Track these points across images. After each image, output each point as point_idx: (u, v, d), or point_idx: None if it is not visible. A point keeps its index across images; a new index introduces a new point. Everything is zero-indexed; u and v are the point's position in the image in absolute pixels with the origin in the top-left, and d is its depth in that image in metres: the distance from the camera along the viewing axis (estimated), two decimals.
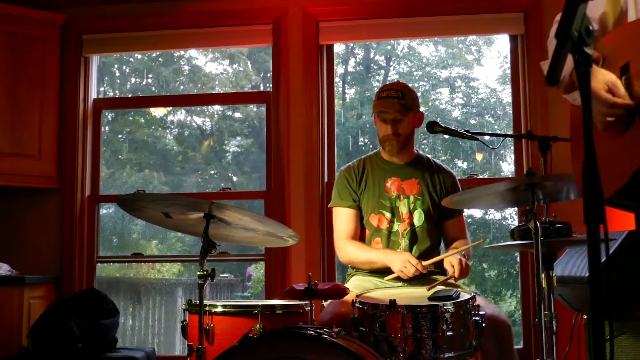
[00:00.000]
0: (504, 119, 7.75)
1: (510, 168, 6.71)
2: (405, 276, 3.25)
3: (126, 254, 6.66)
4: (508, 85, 6.13)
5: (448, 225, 3.61)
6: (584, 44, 1.45)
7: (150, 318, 6.47)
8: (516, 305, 7.44)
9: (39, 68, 5.00)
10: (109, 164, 7.00)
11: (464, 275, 3.26)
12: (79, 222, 5.07)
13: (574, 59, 1.46)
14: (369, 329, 2.72)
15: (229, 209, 2.74)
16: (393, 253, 3.38)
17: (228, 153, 7.91)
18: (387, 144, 3.53)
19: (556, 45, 1.46)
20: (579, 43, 1.45)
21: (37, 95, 4.99)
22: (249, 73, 7.79)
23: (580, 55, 1.45)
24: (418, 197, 3.54)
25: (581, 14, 1.46)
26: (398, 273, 3.27)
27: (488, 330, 2.82)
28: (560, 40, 1.47)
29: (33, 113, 4.97)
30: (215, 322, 2.83)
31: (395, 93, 3.50)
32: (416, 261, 3.24)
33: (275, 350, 2.46)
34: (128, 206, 3.01)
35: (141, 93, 7.72)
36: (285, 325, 2.77)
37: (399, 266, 3.26)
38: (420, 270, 3.23)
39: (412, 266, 3.23)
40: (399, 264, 3.27)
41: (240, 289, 7.56)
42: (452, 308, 2.69)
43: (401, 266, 3.25)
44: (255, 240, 3.35)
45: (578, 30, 1.45)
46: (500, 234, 7.71)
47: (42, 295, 4.81)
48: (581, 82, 1.46)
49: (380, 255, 3.40)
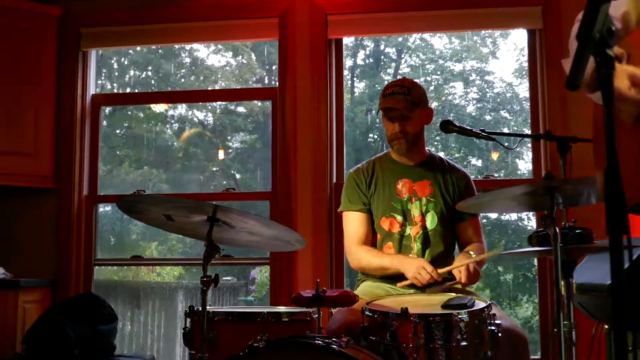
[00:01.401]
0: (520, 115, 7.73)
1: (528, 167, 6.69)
2: (419, 283, 3.26)
3: (125, 257, 6.67)
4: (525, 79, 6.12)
5: (462, 228, 3.62)
6: (606, 46, 1.45)
7: (150, 324, 6.48)
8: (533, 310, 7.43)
9: (35, 63, 5.02)
10: (107, 161, 7.01)
11: (471, 282, 3.26)
12: (76, 223, 5.09)
13: (596, 62, 1.46)
14: (379, 338, 2.72)
15: (233, 212, 2.75)
16: (407, 259, 3.38)
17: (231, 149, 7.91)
18: (395, 143, 3.54)
19: (577, 48, 1.46)
20: (601, 45, 1.45)
21: (33, 91, 5.00)
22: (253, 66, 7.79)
23: (602, 58, 1.45)
24: (430, 199, 3.55)
25: (603, 15, 1.46)
26: (412, 280, 3.28)
27: (503, 343, 2.82)
28: (581, 42, 1.47)
29: (29, 110, 4.99)
30: (219, 329, 2.84)
31: (400, 89, 3.50)
32: (431, 268, 3.25)
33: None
34: (128, 208, 3.02)
35: (140, 86, 7.74)
36: (291, 333, 2.77)
37: (412, 272, 3.27)
38: (435, 277, 3.24)
39: (426, 273, 3.24)
40: (413, 270, 3.27)
41: (243, 292, 7.57)
42: (467, 317, 2.69)
43: (415, 272, 3.26)
44: (260, 244, 3.36)
45: (600, 32, 1.45)
46: (517, 236, 7.69)
47: (37, 299, 4.83)
48: (603, 85, 1.46)
49: (394, 260, 3.40)
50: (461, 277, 3.22)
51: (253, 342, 2.58)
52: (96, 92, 5.42)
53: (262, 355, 2.49)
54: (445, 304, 2.81)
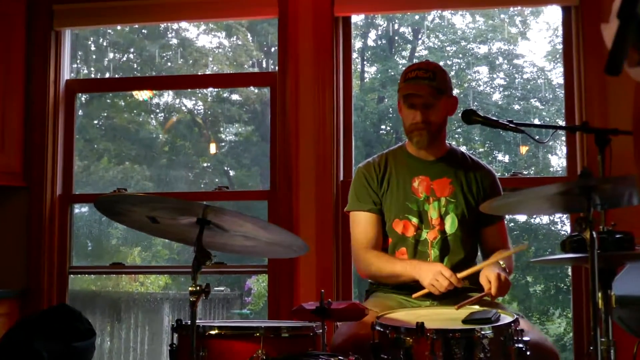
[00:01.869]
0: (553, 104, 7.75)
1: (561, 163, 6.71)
2: (436, 291, 3.26)
3: (104, 264, 6.71)
4: (559, 63, 6.12)
5: (486, 233, 3.62)
6: None
7: (132, 340, 6.51)
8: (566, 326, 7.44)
9: (1, 44, 5.02)
10: (83, 156, 7.04)
11: (502, 293, 3.26)
12: (48, 226, 5.10)
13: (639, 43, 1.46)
14: (391, 356, 2.72)
15: (226, 214, 2.75)
16: (422, 264, 3.38)
17: (224, 142, 7.94)
18: (416, 134, 3.53)
19: (618, 27, 1.46)
20: None
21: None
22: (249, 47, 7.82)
23: None
24: (450, 200, 3.55)
25: None
26: (428, 288, 3.27)
27: None
28: (623, 21, 1.47)
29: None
30: (210, 346, 2.85)
31: (425, 74, 3.50)
32: (450, 273, 3.24)
33: None
34: (107, 209, 3.03)
35: (121, 71, 7.77)
36: (292, 351, 2.78)
37: (429, 279, 3.26)
38: (454, 283, 3.24)
39: (444, 279, 3.23)
40: (430, 276, 3.27)
41: (238, 304, 7.60)
42: (491, 333, 2.69)
43: (432, 279, 3.25)
44: (257, 250, 3.36)
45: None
46: (549, 242, 7.70)
47: (4, 312, 4.85)
48: None
49: (407, 266, 3.40)
50: (491, 287, 3.22)
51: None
52: (71, 77, 5.43)
53: None
54: (467, 319, 2.81)
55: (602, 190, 2.72)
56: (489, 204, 3.05)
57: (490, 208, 3.10)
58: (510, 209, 3.37)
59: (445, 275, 3.23)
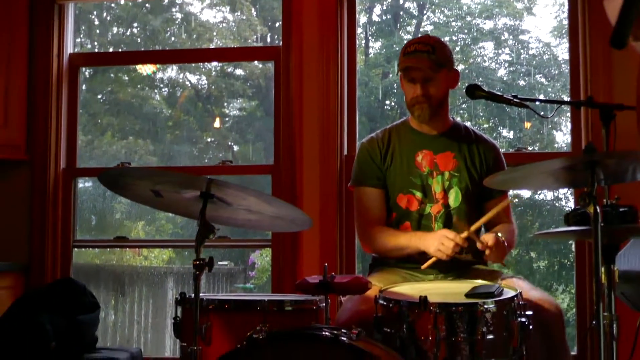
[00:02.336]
0: (558, 80, 7.71)
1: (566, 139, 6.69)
2: (444, 256, 3.25)
3: (108, 238, 6.71)
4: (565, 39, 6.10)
5: (490, 207, 3.62)
6: None
7: (136, 313, 6.53)
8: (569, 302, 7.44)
9: (4, 18, 5.01)
10: (87, 130, 7.03)
11: (498, 257, 3.28)
12: (52, 199, 5.10)
13: None
14: (394, 330, 2.74)
15: (230, 188, 2.76)
16: (426, 234, 3.40)
17: (228, 117, 7.92)
18: (417, 108, 3.54)
19: (623, 2, 1.46)
20: None
21: (2, 50, 5.00)
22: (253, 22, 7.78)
23: None
24: (454, 174, 3.55)
25: None
26: (436, 254, 3.28)
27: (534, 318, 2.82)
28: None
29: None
30: (213, 319, 2.86)
31: (424, 47, 3.50)
32: (453, 234, 3.25)
33: (283, 355, 2.49)
34: (111, 183, 3.04)
35: (125, 45, 7.74)
36: (295, 324, 2.79)
37: (435, 246, 3.27)
38: (460, 243, 3.23)
39: (449, 240, 3.23)
40: (435, 243, 3.27)
41: (241, 279, 7.62)
42: (494, 307, 2.70)
43: (437, 245, 3.26)
44: (260, 224, 3.38)
45: None
46: (552, 218, 7.70)
47: (8, 286, 4.87)
48: None
49: (412, 238, 3.41)
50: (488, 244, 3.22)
51: (252, 334, 2.59)
52: (74, 51, 5.42)
53: (263, 348, 2.51)
54: (470, 293, 2.82)
55: (606, 165, 2.71)
56: (493, 178, 3.05)
57: (494, 182, 3.10)
58: (515, 183, 3.36)
59: (449, 237, 3.24)
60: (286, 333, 2.60)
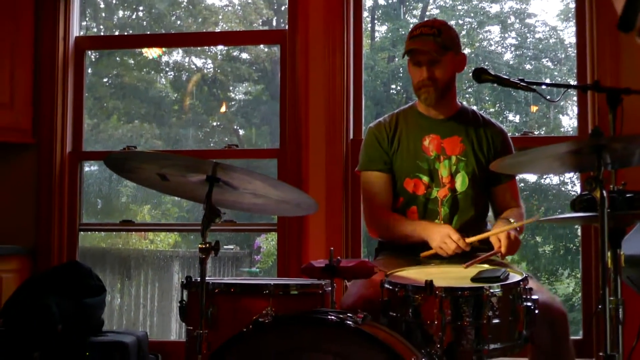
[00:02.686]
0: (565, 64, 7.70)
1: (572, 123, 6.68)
2: (444, 253, 3.27)
3: (114, 221, 6.71)
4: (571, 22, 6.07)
5: (497, 192, 3.62)
6: None
7: (142, 296, 6.55)
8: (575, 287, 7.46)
9: (9, 2, 5.00)
10: (92, 114, 7.04)
11: (512, 251, 3.27)
12: (58, 183, 5.11)
13: None
14: (400, 314, 2.74)
15: (236, 171, 2.75)
16: (431, 225, 3.39)
17: (234, 101, 7.92)
18: (423, 92, 3.52)
19: None
20: None
21: (8, 34, 4.99)
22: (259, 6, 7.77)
23: None
24: (461, 158, 3.55)
25: None
26: (436, 249, 3.29)
27: (541, 319, 2.84)
28: None
29: (3, 54, 4.98)
30: (219, 303, 2.87)
31: (430, 30, 3.49)
32: (457, 236, 3.25)
33: (289, 339, 2.49)
34: (117, 166, 3.03)
35: (131, 28, 7.73)
36: (301, 308, 2.79)
37: (437, 242, 3.28)
38: (462, 247, 3.25)
39: (452, 242, 3.24)
40: (438, 238, 3.28)
41: (247, 263, 7.64)
42: (500, 291, 2.70)
43: (440, 242, 3.27)
44: (266, 208, 3.37)
45: None
46: (559, 202, 7.70)
47: (15, 268, 4.88)
48: None
49: (417, 227, 3.41)
50: (501, 246, 3.22)
51: (258, 317, 2.60)
52: (80, 34, 5.42)
53: (268, 332, 2.52)
54: (476, 277, 2.82)
55: (613, 150, 2.71)
56: (500, 162, 3.05)
57: (500, 166, 3.09)
58: (521, 167, 3.36)
59: (453, 239, 3.25)
60: (292, 317, 2.60)
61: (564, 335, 3.13)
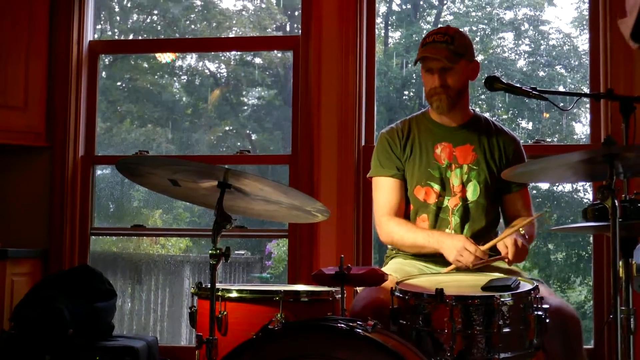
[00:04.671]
0: (578, 71, 7.67)
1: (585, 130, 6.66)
2: (463, 266, 3.24)
3: (125, 226, 6.71)
4: (585, 29, 6.06)
5: (509, 201, 3.61)
6: None
7: (153, 301, 6.54)
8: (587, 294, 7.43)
9: (25, 4, 5.02)
10: (105, 117, 7.05)
11: (519, 259, 3.25)
12: (70, 186, 5.13)
13: None
14: (410, 322, 2.73)
15: (247, 178, 2.75)
16: (445, 237, 3.36)
17: (246, 106, 7.92)
18: (435, 99, 3.52)
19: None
20: None
21: (23, 37, 5.02)
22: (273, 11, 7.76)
23: None
24: (473, 167, 3.54)
25: None
26: (454, 263, 3.26)
27: (553, 325, 2.82)
28: None
29: (18, 57, 5.01)
30: (230, 309, 2.87)
31: (443, 37, 3.49)
32: (474, 247, 3.22)
33: (298, 346, 2.48)
34: (128, 171, 3.04)
35: (145, 33, 7.75)
36: (311, 315, 2.80)
37: (454, 255, 3.25)
38: (480, 256, 3.22)
39: (470, 254, 3.22)
40: (454, 253, 3.25)
41: (258, 268, 7.63)
42: (511, 300, 2.69)
43: (457, 255, 3.24)
44: (277, 215, 3.37)
45: None
46: (571, 210, 7.66)
47: (27, 271, 4.89)
48: None
49: (430, 239, 3.39)
50: (507, 252, 3.21)
51: (268, 324, 2.60)
52: (94, 38, 5.44)
53: (278, 339, 2.51)
54: (486, 286, 2.81)
55: (626, 159, 2.70)
56: (512, 171, 3.04)
57: (512, 175, 3.08)
58: (533, 176, 3.35)
59: (470, 250, 3.22)
60: (302, 324, 2.60)
61: (576, 342, 3.11)
